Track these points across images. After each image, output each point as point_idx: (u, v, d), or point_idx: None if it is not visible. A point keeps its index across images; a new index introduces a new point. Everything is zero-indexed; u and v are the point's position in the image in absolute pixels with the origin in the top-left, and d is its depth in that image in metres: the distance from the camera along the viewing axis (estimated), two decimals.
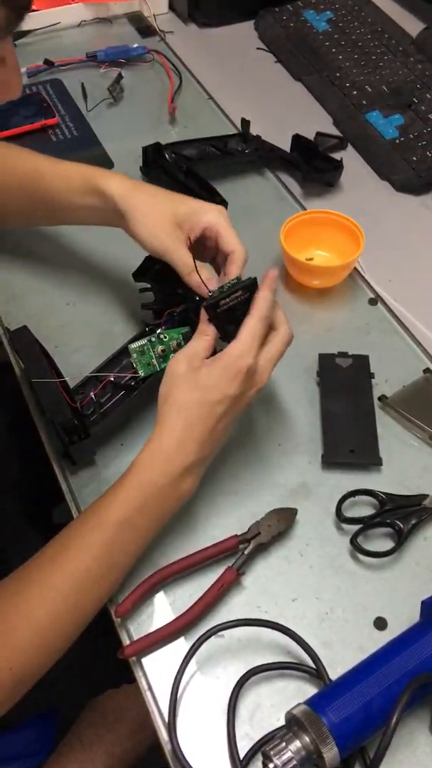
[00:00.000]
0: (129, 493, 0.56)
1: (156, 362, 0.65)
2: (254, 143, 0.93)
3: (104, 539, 0.55)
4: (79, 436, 0.62)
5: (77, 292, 0.80)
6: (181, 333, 0.65)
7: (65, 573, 0.54)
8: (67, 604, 0.54)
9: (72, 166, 0.72)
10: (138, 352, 0.64)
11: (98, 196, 0.69)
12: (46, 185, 0.71)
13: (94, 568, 0.54)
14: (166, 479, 0.56)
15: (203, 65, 1.10)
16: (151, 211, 0.66)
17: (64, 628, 0.54)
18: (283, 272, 0.82)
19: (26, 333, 0.64)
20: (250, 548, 0.60)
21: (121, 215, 0.67)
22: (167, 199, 0.67)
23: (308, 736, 0.47)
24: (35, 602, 0.53)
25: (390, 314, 0.79)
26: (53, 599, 0.53)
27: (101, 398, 0.64)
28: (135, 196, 0.67)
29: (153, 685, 0.55)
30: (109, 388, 0.65)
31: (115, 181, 0.68)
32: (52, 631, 0.53)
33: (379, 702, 0.49)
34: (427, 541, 0.62)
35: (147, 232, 0.66)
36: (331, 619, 0.58)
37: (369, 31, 1.14)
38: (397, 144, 0.96)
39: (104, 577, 0.55)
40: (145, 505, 0.56)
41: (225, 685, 0.55)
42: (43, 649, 0.53)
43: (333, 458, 0.66)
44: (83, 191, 0.70)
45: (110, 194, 0.67)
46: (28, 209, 0.75)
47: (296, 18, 1.17)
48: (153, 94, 1.05)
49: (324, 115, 1.04)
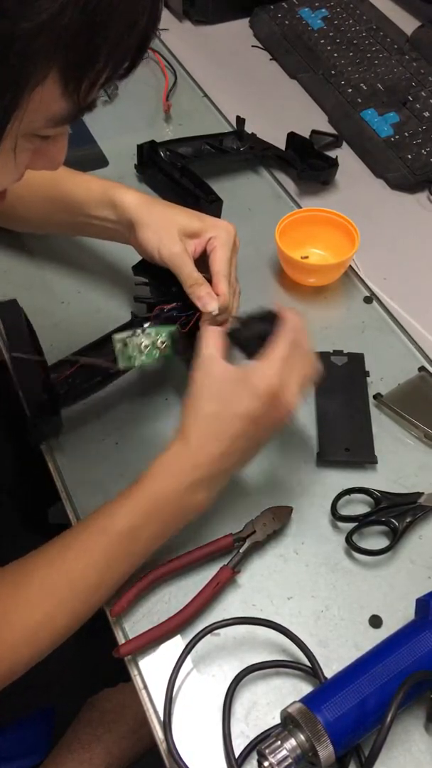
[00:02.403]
0: (136, 503, 0.55)
1: (136, 357, 0.64)
2: (249, 141, 0.93)
3: (106, 547, 0.54)
4: (47, 412, 0.61)
5: (71, 291, 0.80)
6: (169, 331, 0.65)
7: (63, 577, 0.54)
8: (63, 606, 0.53)
9: (92, 178, 0.72)
10: (121, 342, 0.63)
11: (112, 209, 0.69)
12: (66, 193, 0.72)
13: (92, 576, 0.54)
14: (175, 491, 0.55)
15: (198, 63, 1.10)
16: (161, 220, 0.67)
17: (57, 630, 0.54)
18: (279, 270, 0.82)
19: (14, 306, 0.63)
20: (246, 546, 0.60)
21: (132, 225, 0.68)
22: (179, 211, 0.69)
23: (303, 735, 0.48)
24: (33, 601, 0.53)
25: (385, 312, 0.79)
26: (50, 601, 0.53)
27: (76, 379, 0.63)
28: (149, 207, 0.68)
29: (148, 683, 0.55)
30: (87, 371, 0.63)
31: (131, 193, 0.69)
32: (45, 632, 0.53)
33: (374, 700, 0.49)
34: (422, 539, 0.62)
35: (156, 241, 0.66)
36: (327, 617, 0.58)
37: (364, 29, 1.14)
38: (392, 142, 0.96)
39: (102, 585, 0.55)
40: (151, 515, 0.55)
41: (220, 684, 0.55)
42: (34, 647, 0.53)
43: (328, 456, 0.66)
44: (100, 202, 0.70)
45: (125, 205, 0.68)
46: (47, 215, 0.75)
47: (291, 15, 1.17)
48: (148, 91, 1.05)
49: (319, 113, 1.03)
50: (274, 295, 0.81)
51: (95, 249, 0.83)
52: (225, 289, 0.65)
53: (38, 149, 0.44)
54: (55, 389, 0.62)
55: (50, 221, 0.76)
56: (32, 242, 0.84)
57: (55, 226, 0.77)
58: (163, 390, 0.72)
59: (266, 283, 0.82)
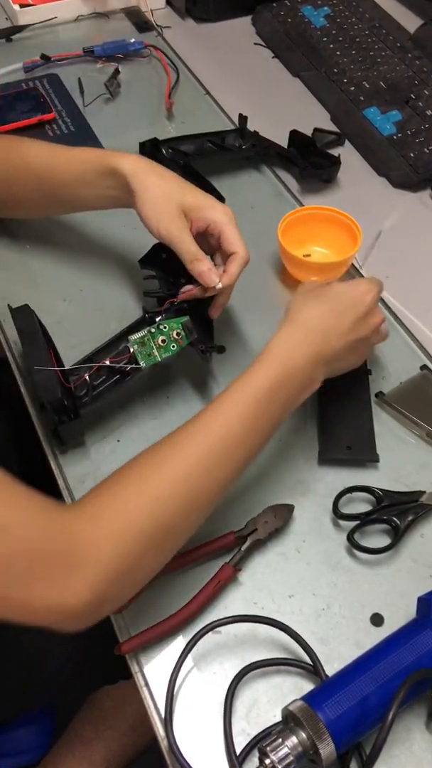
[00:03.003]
0: (271, 366, 0.57)
1: (157, 353, 0.65)
2: (251, 139, 0.93)
3: (245, 411, 0.55)
4: (69, 416, 0.62)
5: (73, 289, 0.80)
6: (180, 323, 0.65)
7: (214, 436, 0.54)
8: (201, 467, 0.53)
9: (87, 150, 0.72)
10: (138, 343, 0.64)
11: (111, 176, 0.69)
12: (60, 171, 0.71)
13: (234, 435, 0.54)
14: (303, 358, 0.58)
15: (200, 60, 1.10)
16: (160, 195, 0.66)
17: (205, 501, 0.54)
18: (281, 268, 0.82)
19: (27, 311, 0.64)
20: (247, 544, 0.60)
21: (132, 194, 0.67)
22: (177, 186, 0.67)
23: (305, 732, 0.48)
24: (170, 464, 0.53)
25: (387, 311, 0.79)
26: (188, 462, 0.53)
27: (95, 381, 0.64)
28: (146, 177, 0.67)
29: (150, 681, 0.55)
30: (104, 372, 0.64)
31: (128, 159, 0.68)
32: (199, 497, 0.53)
33: (375, 698, 0.49)
34: (424, 538, 0.62)
35: (154, 216, 0.66)
36: (328, 615, 0.58)
37: (367, 27, 1.14)
38: (394, 140, 0.96)
39: (239, 447, 0.55)
40: (284, 380, 0.57)
41: (222, 681, 0.55)
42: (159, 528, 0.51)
43: (330, 455, 0.66)
44: (98, 172, 0.70)
45: (123, 172, 0.67)
46: (40, 198, 0.75)
47: (294, 13, 1.17)
48: (150, 89, 1.05)
49: (321, 111, 1.03)
50: (276, 293, 0.81)
51: (95, 245, 0.83)
52: (236, 271, 0.65)
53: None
54: (75, 393, 0.63)
55: (42, 202, 0.76)
56: (33, 239, 0.84)
57: (49, 206, 0.77)
58: (165, 388, 0.72)
59: (268, 281, 0.82)
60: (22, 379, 0.72)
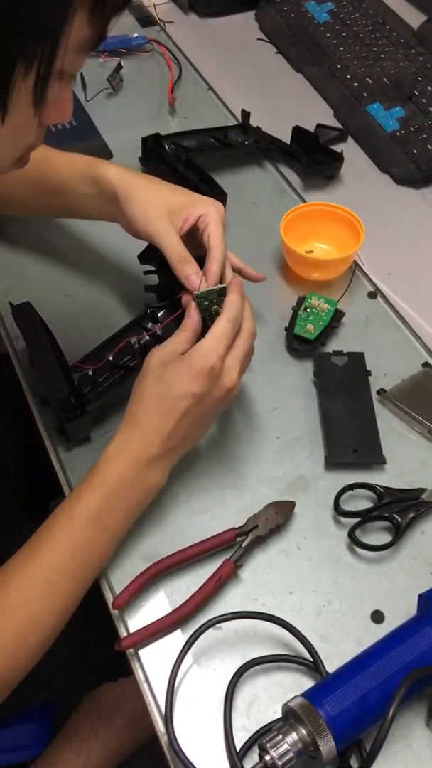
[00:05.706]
0: (95, 489, 0.56)
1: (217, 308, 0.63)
2: (254, 135, 0.92)
3: (73, 536, 0.55)
4: (75, 413, 0.62)
5: (74, 284, 0.80)
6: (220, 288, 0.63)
7: (38, 572, 0.54)
8: (44, 603, 0.53)
9: (77, 155, 0.72)
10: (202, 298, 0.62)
11: (95, 184, 0.69)
12: (51, 172, 0.71)
13: (65, 566, 0.54)
14: (130, 472, 0.56)
15: (203, 55, 1.10)
16: (148, 196, 0.66)
17: (44, 628, 0.54)
18: (283, 265, 0.82)
19: (28, 308, 0.63)
20: (248, 541, 0.60)
21: (116, 200, 0.67)
22: (166, 187, 0.67)
23: (305, 729, 0.48)
24: (15, 604, 0.53)
25: (389, 308, 0.79)
26: (31, 600, 0.53)
27: (98, 377, 0.64)
28: (133, 179, 0.67)
29: (150, 677, 0.55)
30: (107, 367, 0.64)
31: (114, 168, 0.68)
32: (32, 633, 0.53)
33: (375, 695, 0.49)
34: (425, 535, 0.62)
35: (140, 216, 0.65)
36: (329, 612, 0.58)
37: (370, 22, 1.13)
38: (397, 136, 0.96)
39: (78, 576, 0.55)
40: (110, 499, 0.56)
41: (222, 678, 0.55)
42: (24, 651, 0.53)
43: (337, 459, 0.66)
44: (85, 179, 0.69)
45: (108, 179, 0.67)
46: (32, 197, 0.75)
47: (297, 9, 1.16)
48: (153, 84, 1.05)
49: (324, 106, 1.03)
50: (278, 290, 0.81)
51: (96, 241, 0.83)
52: (216, 269, 0.63)
53: (53, 100, 0.46)
54: (80, 389, 0.62)
55: (35, 203, 0.76)
56: (34, 236, 0.84)
57: (41, 207, 0.77)
58: None
59: (270, 278, 0.81)
60: (23, 374, 0.72)
